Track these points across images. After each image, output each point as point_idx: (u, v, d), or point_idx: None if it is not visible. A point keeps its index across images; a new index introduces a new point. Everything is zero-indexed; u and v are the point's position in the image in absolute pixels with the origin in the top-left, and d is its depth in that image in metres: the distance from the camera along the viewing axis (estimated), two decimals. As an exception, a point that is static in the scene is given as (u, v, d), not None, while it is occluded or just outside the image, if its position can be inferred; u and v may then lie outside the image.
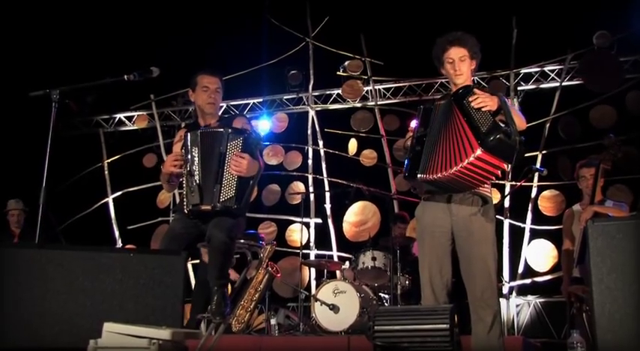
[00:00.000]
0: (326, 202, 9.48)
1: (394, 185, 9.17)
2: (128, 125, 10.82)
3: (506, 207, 8.61)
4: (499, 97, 3.38)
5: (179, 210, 4.24)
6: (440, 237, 3.63)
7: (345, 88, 9.73)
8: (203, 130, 4.23)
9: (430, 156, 3.43)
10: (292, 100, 10.24)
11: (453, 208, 3.60)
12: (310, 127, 9.96)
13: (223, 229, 3.96)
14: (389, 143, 9.33)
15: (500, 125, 3.24)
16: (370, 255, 6.81)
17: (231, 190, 4.01)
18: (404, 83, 9.68)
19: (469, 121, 3.33)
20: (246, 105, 10.42)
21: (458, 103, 3.45)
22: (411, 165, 3.51)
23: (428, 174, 3.40)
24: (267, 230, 9.45)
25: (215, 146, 4.10)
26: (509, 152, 3.27)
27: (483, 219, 3.56)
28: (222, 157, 4.05)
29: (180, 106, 10.60)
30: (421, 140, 3.51)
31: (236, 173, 4.02)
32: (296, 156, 9.83)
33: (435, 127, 3.51)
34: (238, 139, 4.10)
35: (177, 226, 4.22)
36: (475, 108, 3.36)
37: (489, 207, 3.62)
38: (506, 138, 3.21)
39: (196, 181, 4.05)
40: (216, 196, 3.99)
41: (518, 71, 9.10)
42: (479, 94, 3.38)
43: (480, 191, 3.60)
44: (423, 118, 3.61)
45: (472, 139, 3.27)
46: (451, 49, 3.68)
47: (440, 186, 3.49)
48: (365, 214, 9.10)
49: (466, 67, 3.70)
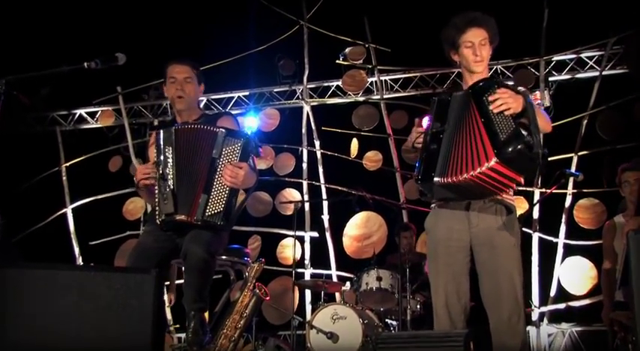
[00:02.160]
0: (323, 213, 9.48)
1: (403, 193, 9.19)
2: (90, 123, 10.80)
3: (535, 218, 8.61)
4: (524, 97, 3.35)
5: (150, 221, 4.23)
6: (456, 252, 3.62)
7: (345, 79, 9.74)
8: (179, 126, 4.22)
9: (449, 155, 3.41)
10: (284, 93, 10.25)
11: (473, 217, 3.58)
12: (305, 124, 9.97)
13: (202, 243, 3.94)
14: (397, 144, 9.33)
15: (522, 134, 3.23)
16: (375, 274, 6.79)
17: (220, 204, 4.00)
18: (414, 73, 9.69)
19: (487, 124, 3.32)
20: (229, 99, 10.41)
21: (476, 98, 3.43)
22: (425, 166, 3.48)
23: (447, 177, 3.37)
24: (254, 245, 9.44)
25: (198, 146, 4.08)
26: (528, 166, 3.27)
27: (508, 231, 3.55)
28: (213, 164, 4.03)
29: (152, 100, 10.60)
30: (437, 137, 3.49)
31: (230, 185, 4.01)
32: (288, 159, 9.84)
33: (451, 123, 3.49)
34: (236, 144, 4.07)
35: (147, 240, 4.20)
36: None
37: (513, 217, 3.61)
38: (527, 150, 3.20)
39: (170, 187, 4.02)
40: (201, 208, 3.96)
41: (550, 58, 9.11)
42: (501, 94, 3.34)
43: (503, 198, 3.60)
44: (438, 111, 3.58)
45: (488, 146, 3.26)
46: (470, 31, 3.66)
47: (459, 191, 3.47)
48: (369, 226, 9.09)
49: (486, 52, 3.69)
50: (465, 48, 3.68)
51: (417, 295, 6.83)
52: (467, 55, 3.69)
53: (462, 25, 3.68)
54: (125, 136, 10.45)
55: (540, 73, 9.06)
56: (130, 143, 10.36)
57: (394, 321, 6.88)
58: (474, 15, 3.69)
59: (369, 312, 6.77)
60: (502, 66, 9.25)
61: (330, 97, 10.06)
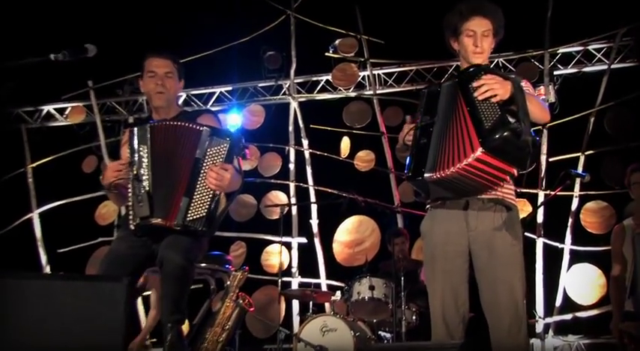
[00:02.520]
0: (312, 217, 9.49)
1: (397, 195, 9.19)
2: (59, 120, 10.80)
3: (539, 222, 8.64)
4: (512, 83, 3.36)
5: (124, 226, 4.20)
6: (454, 258, 3.62)
7: (335, 73, 9.76)
8: (155, 123, 4.20)
9: (439, 149, 3.41)
10: (269, 88, 10.26)
11: (471, 219, 3.58)
12: (292, 122, 9.99)
13: (179, 249, 3.92)
14: (391, 142, 9.35)
15: (508, 121, 3.23)
16: (367, 283, 6.78)
17: (202, 209, 3.97)
18: (410, 67, 9.73)
19: (472, 112, 3.33)
20: (211, 94, 10.43)
21: (462, 86, 3.45)
22: (415, 162, 3.48)
23: (437, 171, 3.37)
24: (238, 252, 9.43)
25: (178, 145, 4.05)
26: (518, 155, 3.29)
27: (509, 235, 3.55)
28: (197, 165, 4.00)
29: (127, 95, 10.57)
30: (427, 130, 3.50)
31: (214, 188, 3.98)
32: (274, 159, 9.84)
33: (440, 115, 3.51)
34: (221, 144, 4.05)
35: (120, 247, 4.17)
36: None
37: (515, 219, 3.61)
38: (514, 137, 3.21)
39: (145, 188, 3.99)
40: (181, 212, 3.93)
41: (555, 51, 9.17)
42: (486, 80, 3.34)
43: (504, 198, 3.60)
44: (427, 103, 3.60)
45: (473, 136, 3.28)
46: (474, 20, 3.66)
47: (453, 188, 3.47)
48: (361, 231, 9.11)
49: (488, 44, 3.69)
50: (465, 36, 3.68)
51: (413, 305, 6.82)
52: (467, 45, 3.69)
53: (466, 11, 3.68)
54: (97, 135, 10.43)
55: (545, 67, 9.10)
56: (103, 142, 10.35)
57: (388, 333, 6.88)
58: (480, 3, 3.69)
59: (361, 323, 6.76)
60: (504, 59, 9.30)
61: (319, 93, 10.08)
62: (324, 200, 9.25)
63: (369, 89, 9.83)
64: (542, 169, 8.69)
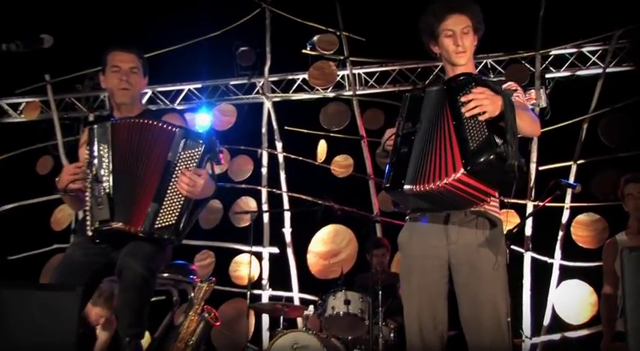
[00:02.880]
0: (285, 226, 9.49)
1: (377, 203, 9.22)
2: (13, 116, 10.74)
3: (527, 235, 8.67)
4: (503, 99, 3.33)
5: (80, 231, 4.19)
6: (433, 272, 3.62)
7: (313, 71, 9.77)
8: (117, 121, 4.20)
9: (421, 161, 3.41)
10: (242, 86, 10.27)
11: (452, 232, 3.59)
12: (266, 123, 9.99)
13: (140, 257, 3.91)
14: (370, 147, 9.38)
15: (495, 143, 3.22)
16: (342, 297, 6.79)
17: (172, 216, 3.97)
18: (392, 67, 9.75)
19: (457, 128, 3.34)
20: (178, 92, 10.41)
21: (450, 97, 3.44)
22: (394, 172, 3.48)
23: (418, 185, 3.38)
24: (204, 262, 9.42)
25: (146, 145, 4.04)
26: (502, 179, 3.31)
27: (491, 249, 3.56)
28: (168, 168, 3.99)
29: (87, 91, 10.56)
30: (408, 139, 3.50)
31: (186, 194, 3.98)
32: (245, 162, 9.84)
33: (424, 123, 3.50)
34: (196, 148, 4.05)
35: (75, 253, 4.16)
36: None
37: (499, 233, 3.62)
38: (500, 162, 3.21)
39: (105, 190, 3.98)
40: (149, 218, 3.92)
41: (547, 53, 9.22)
42: (476, 94, 3.32)
43: (486, 210, 3.61)
44: (410, 108, 3.60)
45: (457, 155, 3.29)
46: (450, 18, 3.68)
47: (433, 201, 3.48)
48: (337, 241, 9.12)
49: (469, 42, 3.71)
50: (444, 37, 3.70)
51: (391, 322, 6.84)
52: (447, 46, 3.71)
53: (440, 11, 3.70)
54: (54, 133, 10.38)
55: (536, 69, 9.14)
56: (60, 141, 10.31)
57: (364, 351, 6.89)
58: (454, 0, 3.71)
59: (335, 341, 6.77)
60: (493, 60, 9.34)
61: (294, 92, 10.09)
62: (298, 207, 9.25)
63: (349, 90, 9.85)
64: (532, 178, 8.72)
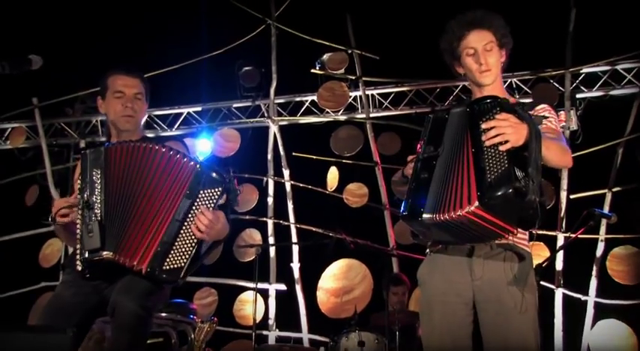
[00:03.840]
0: (293, 261, 9.49)
1: (393, 236, 9.23)
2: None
3: (558, 270, 8.65)
4: (529, 127, 3.30)
5: (70, 267, 4.16)
6: (456, 310, 3.61)
7: (322, 93, 9.81)
8: (112, 144, 4.19)
9: (442, 187, 3.39)
10: (245, 109, 10.32)
11: (476, 267, 3.57)
12: (272, 149, 10.02)
13: (135, 294, 3.87)
14: (386, 174, 9.39)
15: (514, 177, 3.19)
16: (356, 338, 6.80)
17: (183, 259, 3.91)
18: (408, 87, 9.80)
19: (476, 156, 3.32)
20: (177, 116, 10.47)
21: (472, 122, 3.43)
22: (413, 199, 3.46)
23: (439, 213, 3.35)
24: (206, 300, 9.42)
25: (149, 173, 3.98)
26: (520, 215, 3.30)
27: (520, 286, 3.53)
28: (184, 206, 3.93)
29: (78, 115, 10.61)
30: (429, 163, 3.47)
31: (200, 237, 3.92)
32: (250, 192, 9.83)
33: (446, 147, 3.48)
34: (216, 187, 3.99)
35: (66, 292, 4.13)
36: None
37: (528, 268, 3.60)
38: (518, 197, 3.18)
39: (97, 217, 3.92)
40: (157, 258, 3.84)
41: (578, 71, 9.23)
42: (499, 121, 3.30)
43: (514, 243, 3.58)
44: (432, 131, 3.58)
45: (473, 186, 3.27)
46: (471, 35, 3.67)
47: (455, 232, 3.44)
48: (350, 277, 9.09)
49: (494, 59, 3.69)
50: (466, 56, 3.70)
51: (410, 366, 6.84)
52: (470, 65, 3.70)
53: (459, 29, 3.69)
54: (42, 161, 10.40)
55: (566, 89, 9.15)
56: (49, 169, 10.33)
57: (380, 398, 6.87)
58: (472, 15, 3.70)
59: (349, 387, 6.77)
60: (518, 80, 9.38)
61: (303, 115, 10.14)
62: (308, 241, 9.26)
63: (362, 112, 9.89)
64: (562, 207, 8.71)
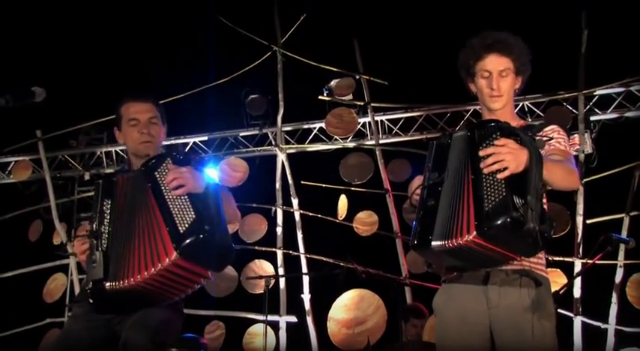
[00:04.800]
0: (303, 292, 9.46)
1: (405, 264, 9.18)
2: (1, 177, 10.84)
3: (576, 297, 8.59)
4: (529, 153, 3.29)
5: (81, 300, 4.16)
6: (472, 340, 3.57)
7: (330, 119, 9.83)
8: (123, 174, 4.22)
9: (450, 213, 3.37)
10: (252, 138, 10.36)
11: (492, 294, 3.53)
12: (280, 178, 10.01)
13: (146, 330, 3.83)
14: (397, 201, 9.39)
15: (512, 205, 3.18)
16: (370, 371, 6.79)
17: (188, 213, 3.81)
18: (418, 112, 9.84)
19: (475, 183, 3.32)
20: (183, 146, 10.49)
21: (471, 147, 3.42)
22: (421, 227, 3.46)
23: (447, 240, 3.33)
24: (215, 334, 9.40)
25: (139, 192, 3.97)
26: (520, 244, 3.30)
27: (538, 313, 3.49)
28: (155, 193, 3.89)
29: (82, 147, 10.64)
30: (435, 190, 3.48)
31: (182, 191, 3.83)
32: (258, 222, 9.85)
33: (450, 172, 3.47)
34: (164, 162, 3.97)
35: (75, 327, 4.09)
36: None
37: (545, 294, 3.56)
38: (516, 227, 3.17)
39: (102, 246, 3.90)
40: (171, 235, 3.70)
41: (591, 93, 9.25)
42: (498, 148, 3.28)
43: (531, 268, 3.54)
44: (436, 157, 3.59)
45: (471, 214, 3.27)
46: (489, 58, 3.66)
47: (468, 258, 3.43)
48: (362, 308, 9.04)
49: (508, 85, 3.68)
50: (480, 78, 3.70)
51: (426, 399, 6.82)
52: (482, 87, 3.70)
53: (479, 48, 3.68)
54: (46, 194, 10.40)
55: (579, 112, 9.12)
56: (53, 203, 10.30)
57: None
58: (496, 37, 3.68)
59: None
60: (530, 102, 9.39)
61: (311, 143, 10.18)
62: (318, 271, 9.25)
63: (371, 138, 9.92)
64: (579, 233, 8.67)
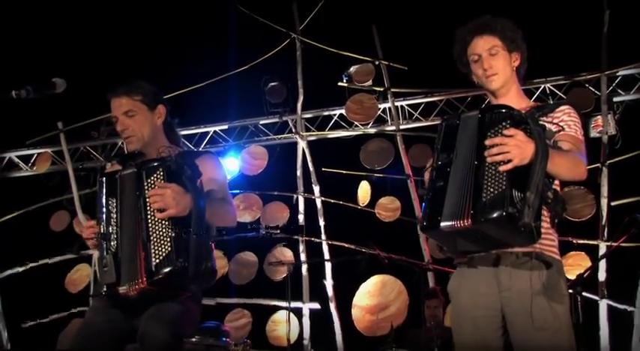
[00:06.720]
0: (326, 278, 9.52)
1: (427, 250, 9.19)
2: (24, 169, 10.96)
3: (601, 280, 8.59)
4: (535, 146, 3.29)
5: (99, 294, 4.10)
6: (485, 325, 3.58)
7: (350, 105, 9.84)
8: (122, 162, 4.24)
9: (460, 193, 3.37)
10: (273, 126, 10.40)
11: (503, 277, 3.52)
12: (301, 165, 10.08)
13: (164, 321, 3.84)
14: (418, 187, 9.27)
15: (510, 199, 3.20)
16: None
17: (164, 245, 3.79)
18: (439, 97, 9.84)
19: (477, 172, 3.34)
20: (203, 135, 10.59)
21: (481, 131, 3.42)
22: (430, 208, 3.47)
23: (457, 220, 3.33)
24: (238, 322, 9.44)
25: (133, 192, 3.98)
26: (514, 237, 3.33)
27: (550, 295, 3.47)
28: (140, 203, 3.89)
29: (104, 138, 10.77)
30: (444, 171, 3.47)
31: (163, 215, 3.80)
32: (280, 209, 9.92)
33: (459, 153, 3.47)
34: (157, 171, 3.91)
35: (97, 319, 4.10)
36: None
37: (556, 275, 3.54)
38: (509, 221, 3.20)
39: (111, 248, 3.93)
40: (147, 263, 3.76)
41: (614, 74, 9.21)
42: (503, 139, 3.29)
43: (541, 250, 3.52)
44: (445, 138, 3.57)
45: (469, 203, 3.30)
46: (474, 41, 3.69)
47: (478, 239, 3.43)
48: (385, 294, 9.09)
49: (501, 62, 3.68)
50: (472, 63, 3.73)
51: (449, 383, 6.84)
52: (476, 72, 3.73)
53: (464, 37, 3.74)
54: (69, 186, 10.44)
55: (602, 93, 9.11)
56: (75, 194, 10.33)
57: None
58: (478, 21, 3.73)
59: (387, 406, 6.79)
60: (552, 85, 9.35)
61: (331, 130, 10.19)
62: (340, 257, 9.26)
63: (391, 124, 9.93)
64: (604, 215, 8.66)
